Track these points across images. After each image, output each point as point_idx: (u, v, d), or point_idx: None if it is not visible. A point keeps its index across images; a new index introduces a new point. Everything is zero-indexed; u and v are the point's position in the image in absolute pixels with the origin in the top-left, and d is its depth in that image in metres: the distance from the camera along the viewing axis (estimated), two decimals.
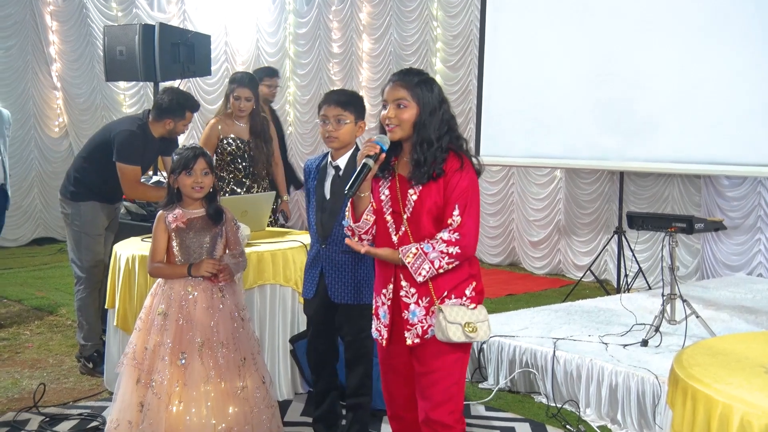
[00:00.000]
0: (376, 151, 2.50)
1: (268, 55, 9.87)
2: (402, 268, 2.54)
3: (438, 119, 2.53)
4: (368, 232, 2.61)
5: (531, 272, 7.58)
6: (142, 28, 6.11)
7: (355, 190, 2.50)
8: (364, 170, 2.49)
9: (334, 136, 3.13)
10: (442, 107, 2.55)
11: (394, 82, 2.56)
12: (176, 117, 4.47)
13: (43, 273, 7.50)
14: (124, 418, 3.05)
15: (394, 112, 2.53)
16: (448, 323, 2.47)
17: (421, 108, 2.52)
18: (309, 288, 3.29)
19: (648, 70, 5.73)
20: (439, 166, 2.50)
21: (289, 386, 4.08)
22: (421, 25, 8.36)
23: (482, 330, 2.53)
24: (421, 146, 2.50)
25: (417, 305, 2.54)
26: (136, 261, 3.85)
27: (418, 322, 2.54)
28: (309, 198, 3.29)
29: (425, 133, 2.51)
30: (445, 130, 2.54)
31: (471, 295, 2.56)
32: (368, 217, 2.59)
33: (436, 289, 2.52)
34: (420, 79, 2.55)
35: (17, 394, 4.14)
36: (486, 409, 3.96)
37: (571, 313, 4.90)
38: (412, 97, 2.52)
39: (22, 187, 8.94)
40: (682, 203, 6.51)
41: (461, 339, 2.48)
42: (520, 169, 7.52)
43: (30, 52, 9.07)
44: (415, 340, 2.55)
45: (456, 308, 2.51)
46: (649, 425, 3.58)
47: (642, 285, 6.26)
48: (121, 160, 4.41)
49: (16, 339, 5.20)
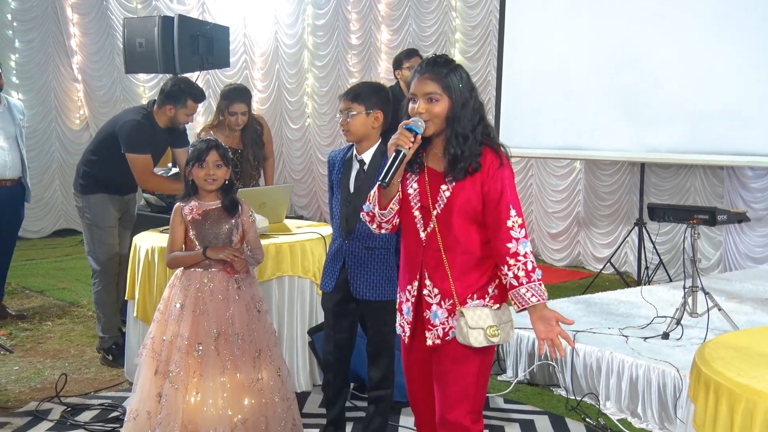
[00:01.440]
0: (410, 142, 2.37)
1: (286, 46, 9.88)
2: (426, 266, 2.45)
3: (470, 110, 2.41)
4: (390, 222, 2.52)
5: (550, 264, 7.54)
6: (162, 20, 6.12)
7: (390, 179, 2.37)
8: (399, 158, 2.36)
9: (345, 129, 3.13)
10: (472, 96, 2.43)
11: (423, 75, 2.42)
12: (177, 103, 4.42)
13: (65, 264, 7.58)
14: (143, 409, 3.07)
15: (425, 107, 2.40)
16: (470, 329, 2.37)
17: (454, 101, 2.40)
18: (329, 281, 3.25)
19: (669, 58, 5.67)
20: (475, 160, 2.39)
21: (308, 378, 4.09)
22: (439, 15, 8.31)
23: (505, 332, 2.44)
24: (456, 140, 2.39)
25: (439, 306, 2.45)
26: (155, 252, 3.87)
27: (440, 324, 2.45)
28: (332, 190, 3.28)
29: (460, 127, 2.39)
30: (477, 120, 2.42)
31: (494, 293, 2.45)
32: (393, 206, 2.48)
33: (459, 293, 2.42)
34: (449, 69, 2.42)
35: (39, 384, 4.18)
36: (505, 402, 3.95)
37: (590, 305, 4.86)
38: (443, 89, 2.39)
39: (44, 179, 9.02)
40: (704, 194, 6.44)
41: (482, 344, 2.38)
42: (539, 160, 7.47)
43: (51, 45, 9.13)
44: (435, 341, 2.46)
45: (479, 310, 2.40)
46: (670, 419, 3.55)
47: (662, 277, 6.20)
48: (130, 151, 4.40)
49: (38, 330, 5.25)
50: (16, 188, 5.38)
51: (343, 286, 3.20)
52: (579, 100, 6.24)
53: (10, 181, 5.32)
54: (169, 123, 4.51)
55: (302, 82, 9.84)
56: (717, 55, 5.35)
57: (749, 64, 5.16)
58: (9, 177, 5.30)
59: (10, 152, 5.28)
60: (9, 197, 5.34)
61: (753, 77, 5.14)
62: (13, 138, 5.31)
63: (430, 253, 2.44)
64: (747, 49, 5.15)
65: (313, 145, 9.81)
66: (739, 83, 5.24)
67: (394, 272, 3.19)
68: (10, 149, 5.28)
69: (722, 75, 5.31)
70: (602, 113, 6.12)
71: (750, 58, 5.15)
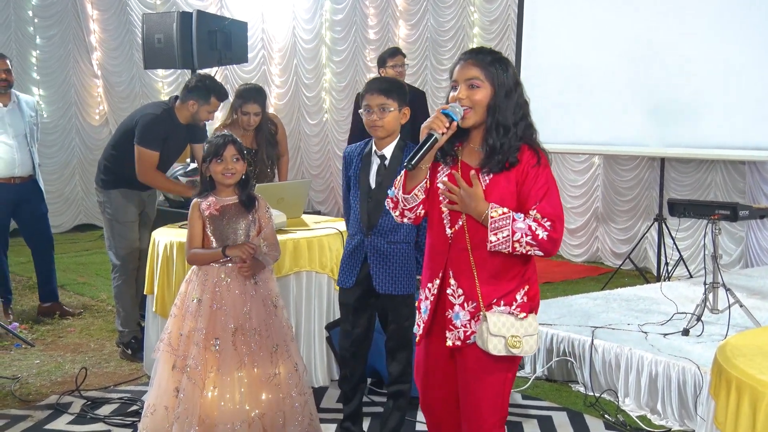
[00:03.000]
0: (444, 127, 2.25)
1: (304, 41, 9.88)
2: (452, 265, 2.33)
3: (513, 102, 2.30)
4: (413, 210, 2.38)
5: (568, 260, 7.49)
6: (180, 16, 6.15)
7: (416, 162, 2.25)
8: (430, 141, 2.24)
9: (379, 125, 3.08)
10: (517, 90, 2.32)
11: (465, 61, 2.31)
12: (200, 100, 4.41)
13: (85, 259, 7.64)
14: (161, 404, 3.08)
15: (466, 93, 2.28)
16: (491, 335, 2.25)
17: (496, 89, 2.28)
18: (348, 277, 3.23)
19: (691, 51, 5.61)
20: (513, 155, 2.27)
21: (325, 373, 4.09)
22: (458, 10, 8.27)
23: (528, 345, 2.29)
24: (497, 131, 2.27)
25: (462, 308, 2.33)
26: (174, 247, 3.89)
27: (462, 326, 2.33)
28: (349, 186, 3.26)
29: (501, 117, 2.27)
30: (520, 116, 2.31)
31: (522, 301, 2.33)
32: (418, 193, 2.35)
33: (485, 296, 2.29)
34: (494, 58, 2.31)
35: (60, 378, 4.22)
36: (523, 398, 3.93)
37: (609, 301, 4.83)
38: (486, 76, 2.28)
39: (64, 174, 9.10)
40: (725, 190, 6.36)
41: (501, 353, 2.26)
42: (557, 155, 7.41)
43: (71, 41, 9.20)
44: (456, 342, 2.34)
45: (504, 318, 2.27)
46: (690, 416, 3.51)
47: (682, 273, 6.15)
48: (140, 143, 4.40)
49: (58, 324, 5.30)
50: (28, 185, 5.32)
51: (363, 281, 3.20)
52: (598, 95, 6.19)
53: (20, 179, 5.26)
54: (191, 119, 4.50)
55: (320, 77, 9.85)
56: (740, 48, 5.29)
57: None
58: (18, 174, 5.24)
59: (19, 150, 5.22)
60: (23, 193, 5.29)
61: None
62: (22, 135, 5.25)
63: (456, 251, 2.33)
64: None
65: (331, 140, 9.81)
66: (763, 77, 5.17)
67: (413, 266, 3.18)
68: (20, 147, 5.22)
69: (745, 68, 5.25)
70: (622, 107, 6.06)
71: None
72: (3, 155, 5.18)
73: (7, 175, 5.21)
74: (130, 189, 4.58)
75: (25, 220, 5.40)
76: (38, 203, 5.43)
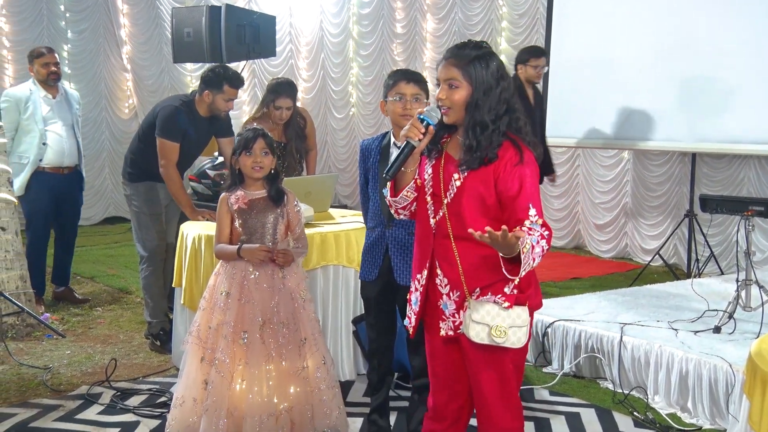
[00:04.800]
0: (420, 133, 2.31)
1: (331, 35, 9.88)
2: (439, 254, 2.38)
3: (494, 98, 2.29)
4: (406, 208, 2.46)
5: (597, 256, 7.43)
6: (209, 10, 6.17)
7: (393, 173, 2.34)
8: (406, 150, 2.32)
9: (411, 115, 3.10)
10: (499, 85, 2.31)
11: (446, 60, 2.35)
12: (214, 89, 4.42)
13: (114, 251, 7.73)
14: (189, 396, 3.11)
15: (446, 93, 2.33)
16: (473, 322, 2.27)
17: (474, 87, 2.30)
18: (370, 270, 3.23)
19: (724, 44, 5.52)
20: (493, 151, 2.27)
21: (352, 367, 4.10)
22: (486, 3, 8.22)
23: (515, 336, 2.27)
24: (473, 130, 2.29)
25: (449, 297, 2.38)
26: (202, 240, 3.91)
27: (450, 316, 2.39)
28: (367, 178, 3.26)
29: (478, 115, 2.29)
30: (503, 110, 2.30)
31: (510, 293, 2.30)
32: (408, 194, 2.41)
33: (469, 285, 2.33)
34: (475, 55, 2.31)
35: (90, 369, 4.27)
36: (550, 394, 3.90)
37: (638, 297, 4.78)
38: (464, 76, 2.30)
39: (94, 167, 9.21)
40: (758, 185, 6.26)
41: (484, 341, 2.27)
42: (585, 150, 7.35)
43: (102, 35, 9.31)
44: (449, 332, 2.40)
45: (488, 306, 2.28)
46: (722, 414, 3.46)
47: (713, 270, 6.06)
48: (159, 134, 4.44)
49: (89, 315, 5.37)
50: (73, 175, 5.55)
51: (385, 273, 3.19)
52: (628, 89, 6.11)
53: (67, 169, 5.47)
54: (209, 110, 4.52)
55: (347, 71, 9.84)
56: None
57: None
58: (67, 164, 5.46)
59: (68, 140, 5.43)
60: (68, 184, 5.51)
61: None
62: (70, 126, 5.46)
63: (440, 240, 2.37)
64: None
65: (358, 134, 9.80)
66: None
67: None
68: (68, 137, 5.44)
69: None
70: (653, 102, 5.98)
71: None
72: (53, 145, 5.36)
73: (57, 164, 5.41)
74: (156, 182, 4.62)
75: (62, 209, 5.55)
76: (78, 194, 5.67)
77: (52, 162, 5.38)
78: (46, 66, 5.34)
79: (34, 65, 5.37)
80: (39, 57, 5.36)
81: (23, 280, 4.96)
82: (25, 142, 5.31)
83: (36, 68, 5.36)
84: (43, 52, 5.38)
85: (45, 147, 5.32)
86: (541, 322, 4.28)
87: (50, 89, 5.41)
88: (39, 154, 5.31)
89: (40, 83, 5.37)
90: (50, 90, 5.41)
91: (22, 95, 5.33)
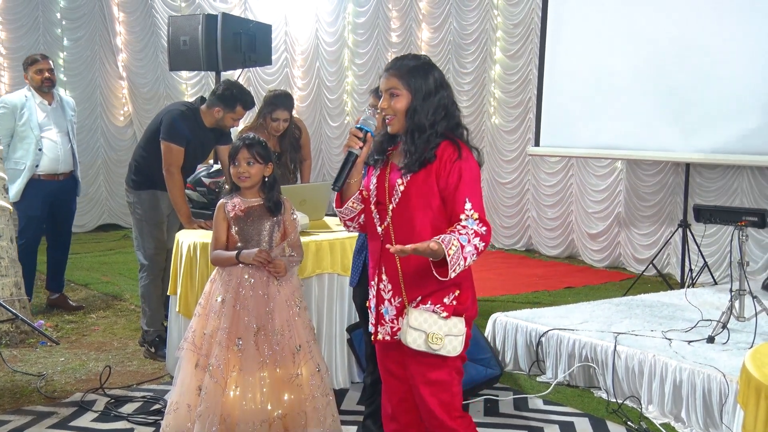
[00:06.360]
0: (360, 141, 2.42)
1: (326, 44, 9.92)
2: (385, 260, 2.45)
3: (433, 105, 2.39)
4: (354, 220, 2.55)
5: (590, 265, 7.45)
6: (205, 18, 6.19)
7: (341, 184, 2.44)
8: (350, 160, 2.42)
9: None
10: (438, 93, 2.41)
11: (387, 72, 2.45)
12: (226, 107, 4.45)
13: (108, 258, 7.71)
14: (183, 402, 3.10)
15: (388, 102, 2.42)
16: (410, 328, 2.35)
17: (413, 95, 2.40)
18: (354, 276, 3.29)
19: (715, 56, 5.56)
20: (431, 152, 2.37)
21: (346, 375, 4.10)
22: (481, 13, 8.26)
23: (451, 344, 2.36)
24: (412, 135, 2.38)
25: (390, 303, 2.46)
26: (197, 248, 3.91)
27: (389, 321, 2.46)
28: None
29: (417, 120, 2.38)
30: (441, 116, 2.40)
31: (449, 304, 2.39)
32: (354, 205, 2.51)
33: (408, 292, 2.41)
34: (414, 65, 2.43)
35: (84, 376, 4.26)
36: (544, 403, 3.91)
37: (632, 307, 4.79)
38: (404, 85, 2.40)
39: (89, 174, 9.20)
40: (752, 196, 6.29)
41: (420, 347, 2.35)
42: (579, 160, 7.38)
43: (98, 43, 9.32)
44: (385, 337, 2.47)
45: (426, 314, 2.37)
46: (715, 424, 3.47)
47: (707, 280, 6.08)
48: (164, 138, 4.44)
49: (83, 322, 5.36)
50: (68, 182, 5.57)
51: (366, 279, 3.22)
52: (622, 99, 6.15)
53: (62, 175, 5.49)
54: (215, 124, 4.55)
55: (342, 80, 9.87)
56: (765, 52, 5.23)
57: None
58: (62, 171, 5.48)
59: (63, 147, 5.46)
60: (63, 191, 5.53)
61: None
62: (65, 133, 5.49)
63: (386, 248, 2.40)
64: None
65: None
66: None
67: None
68: (63, 144, 5.46)
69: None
70: (646, 112, 6.02)
71: None
72: (49, 151, 5.39)
73: (52, 171, 5.44)
74: (160, 190, 4.62)
75: (57, 215, 5.56)
76: (72, 201, 5.68)
77: (48, 169, 5.39)
78: (40, 72, 5.36)
79: (28, 72, 5.40)
80: (33, 64, 5.37)
81: (18, 287, 4.95)
82: (21, 149, 5.33)
83: (30, 75, 5.38)
84: (37, 59, 5.40)
85: (41, 153, 5.33)
86: (535, 331, 4.29)
87: (45, 96, 5.42)
88: (35, 160, 5.33)
89: (35, 90, 5.39)
90: (46, 97, 5.43)
91: (18, 102, 5.35)
